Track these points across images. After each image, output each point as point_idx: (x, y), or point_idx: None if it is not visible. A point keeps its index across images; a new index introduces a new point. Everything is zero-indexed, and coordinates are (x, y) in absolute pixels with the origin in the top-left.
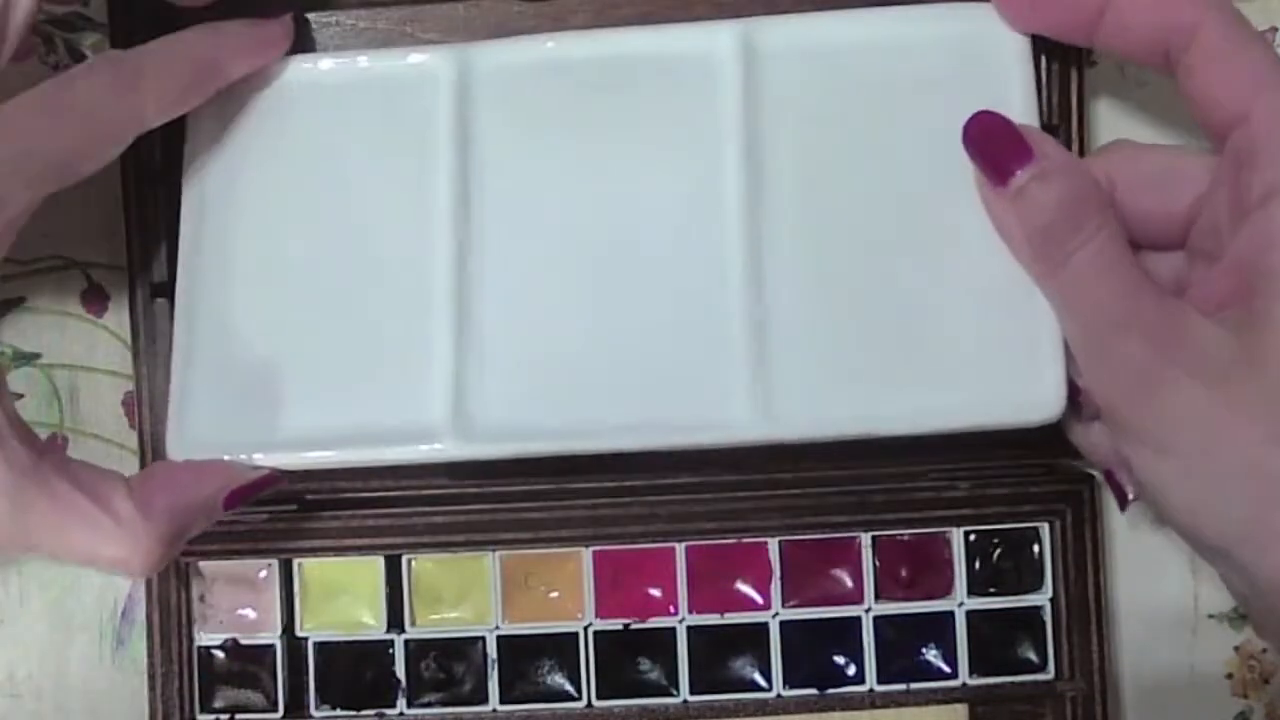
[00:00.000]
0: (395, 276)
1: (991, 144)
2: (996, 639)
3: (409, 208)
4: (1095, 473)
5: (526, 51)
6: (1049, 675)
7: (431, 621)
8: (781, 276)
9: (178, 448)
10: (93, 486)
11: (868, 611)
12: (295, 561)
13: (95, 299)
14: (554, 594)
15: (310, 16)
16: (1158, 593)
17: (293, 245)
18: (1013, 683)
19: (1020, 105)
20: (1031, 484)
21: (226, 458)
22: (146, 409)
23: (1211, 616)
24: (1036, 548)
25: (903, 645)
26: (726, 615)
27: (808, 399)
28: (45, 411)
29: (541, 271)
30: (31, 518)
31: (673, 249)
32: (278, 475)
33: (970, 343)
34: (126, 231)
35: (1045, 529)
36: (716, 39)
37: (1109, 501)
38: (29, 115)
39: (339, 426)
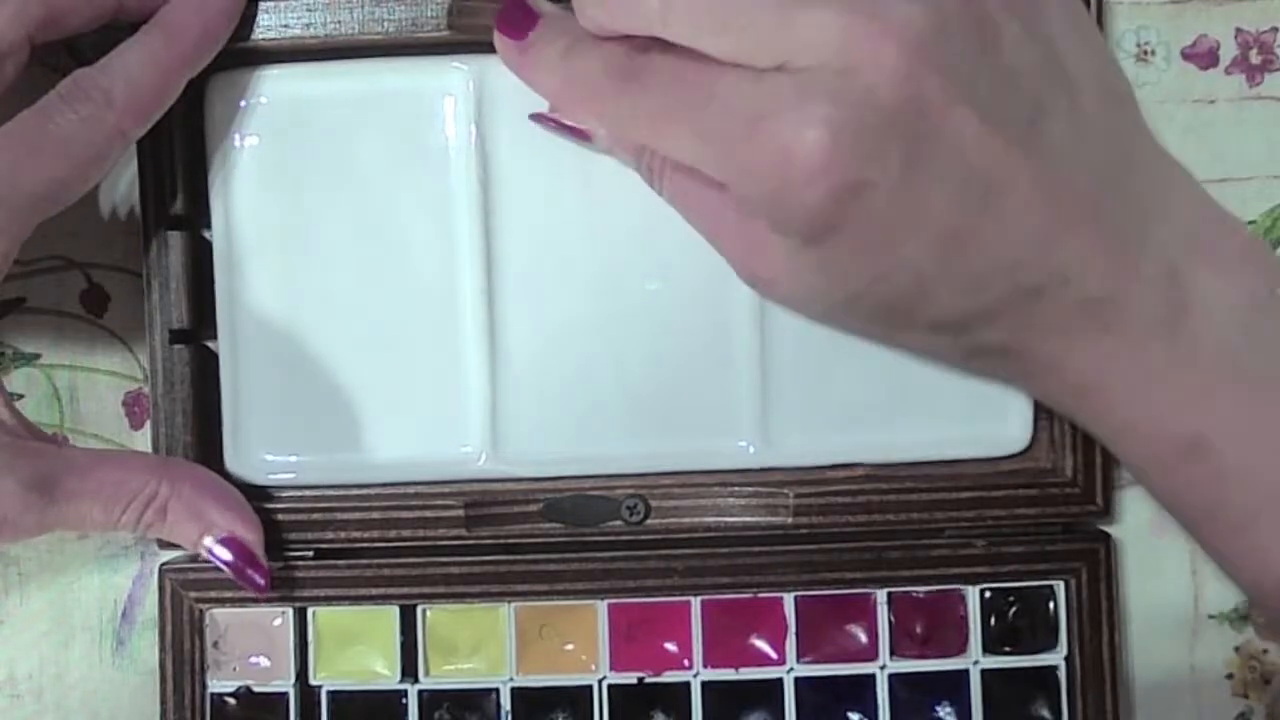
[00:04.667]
0: (427, 307)
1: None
2: (1011, 697)
3: (434, 234)
4: (1111, 531)
5: None
6: None
7: (445, 672)
8: (783, 320)
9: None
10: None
11: (882, 668)
12: (310, 610)
13: (95, 299)
14: (568, 646)
15: None
16: (1158, 593)
17: (324, 276)
18: None
19: None
20: (1047, 542)
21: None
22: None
23: (1212, 617)
24: (1052, 606)
25: (917, 703)
26: (741, 670)
27: (803, 431)
28: (45, 411)
29: (561, 301)
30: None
31: (686, 282)
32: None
33: (946, 382)
34: (145, 276)
35: (1061, 587)
36: None
37: (1126, 567)
38: (9, 152)
39: (381, 454)
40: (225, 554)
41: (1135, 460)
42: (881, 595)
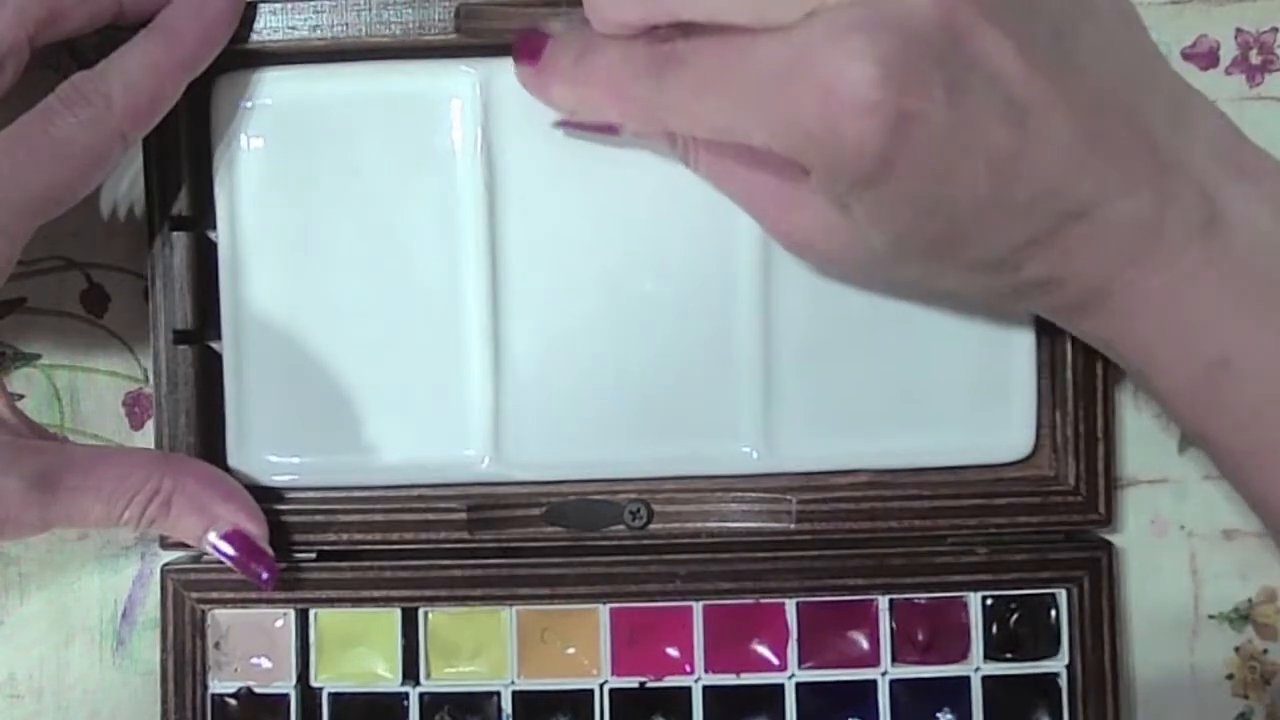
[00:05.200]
0: (431, 309)
1: None
2: (1012, 705)
3: (439, 237)
4: (1114, 540)
5: None
6: None
7: (447, 674)
8: (786, 326)
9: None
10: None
11: (884, 675)
12: (311, 611)
13: (95, 299)
14: (570, 650)
15: None
16: (1158, 594)
17: (328, 278)
18: None
19: None
20: (1050, 550)
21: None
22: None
23: (1212, 617)
24: (1054, 614)
25: (918, 709)
26: (742, 675)
27: (806, 437)
28: (45, 411)
29: (566, 305)
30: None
31: (690, 288)
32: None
33: (949, 388)
34: (149, 277)
35: (1063, 595)
36: None
37: (1126, 567)
38: (9, 156)
39: (384, 456)
40: (230, 548)
41: (1165, 388)
42: (883, 601)
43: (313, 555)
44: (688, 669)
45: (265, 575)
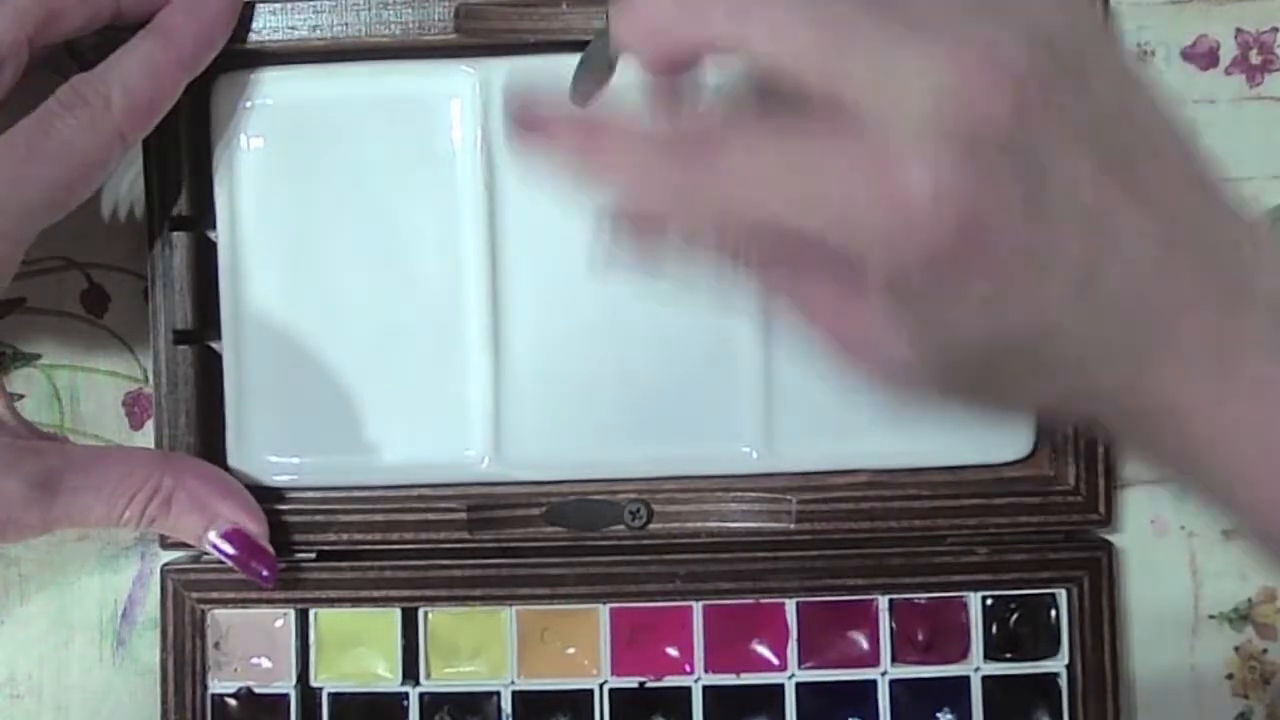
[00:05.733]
0: (431, 309)
1: None
2: (1012, 705)
3: (439, 237)
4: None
5: (547, 74)
6: None
7: (447, 674)
8: (788, 326)
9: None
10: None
11: (883, 674)
12: (311, 611)
13: (95, 299)
14: (570, 650)
15: None
16: (1158, 594)
17: (328, 277)
18: None
19: None
20: (1050, 550)
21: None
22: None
23: (1212, 617)
24: (1054, 614)
25: (918, 709)
26: (742, 675)
27: (806, 437)
28: (45, 411)
29: (566, 306)
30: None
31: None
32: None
33: None
34: (150, 277)
35: (1063, 595)
36: (734, 70)
37: (1126, 568)
38: (10, 159)
39: (384, 456)
40: (230, 547)
41: (1262, 523)
42: (883, 601)
43: (313, 555)
44: (688, 669)
45: (266, 573)
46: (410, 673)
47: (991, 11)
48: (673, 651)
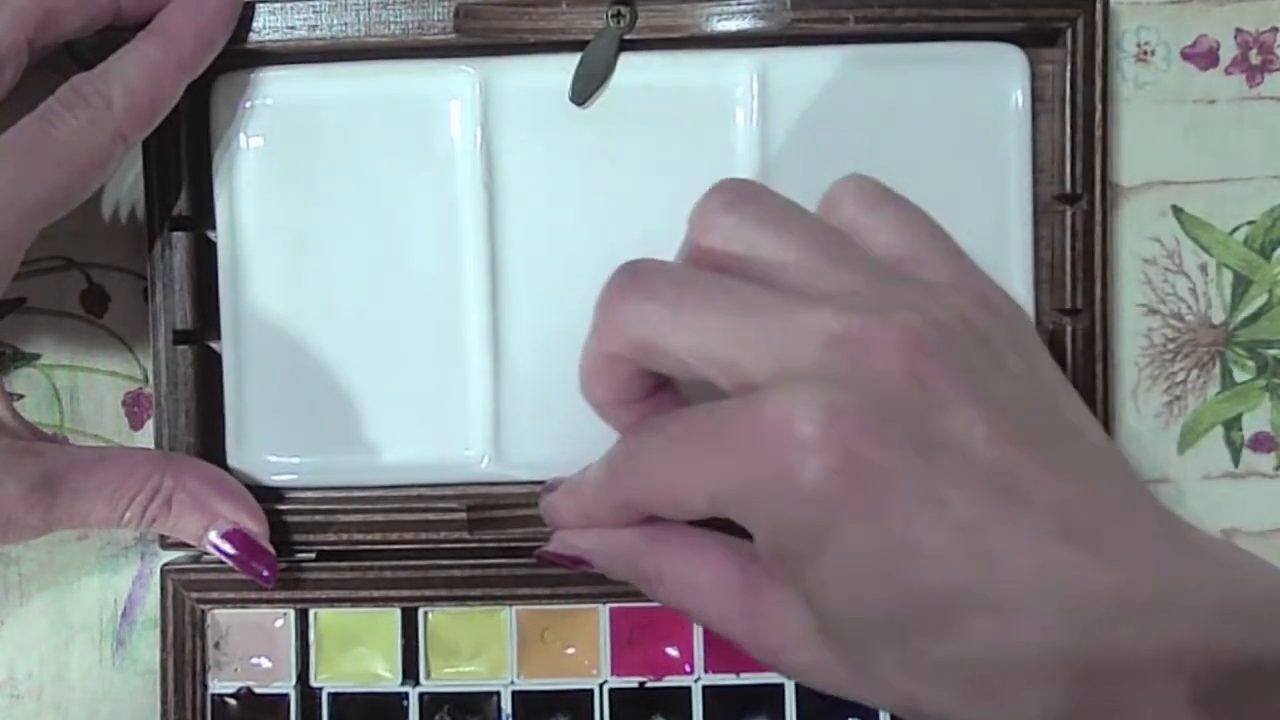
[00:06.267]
0: (430, 309)
1: None
2: None
3: (439, 237)
4: None
5: (547, 74)
6: None
7: (446, 674)
8: None
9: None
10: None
11: None
12: (311, 611)
13: (95, 299)
14: (570, 650)
15: None
16: None
17: (328, 278)
18: None
19: (1017, 169)
20: None
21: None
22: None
23: None
24: None
25: None
26: (743, 675)
27: None
28: (45, 411)
29: (566, 305)
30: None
31: None
32: (262, 551)
33: None
34: (149, 277)
35: None
36: (733, 72)
37: None
38: (11, 160)
39: (384, 456)
40: (230, 547)
41: None
42: None
43: (313, 555)
44: (688, 669)
45: (266, 573)
46: (410, 673)
47: (913, 289)
48: (673, 651)
